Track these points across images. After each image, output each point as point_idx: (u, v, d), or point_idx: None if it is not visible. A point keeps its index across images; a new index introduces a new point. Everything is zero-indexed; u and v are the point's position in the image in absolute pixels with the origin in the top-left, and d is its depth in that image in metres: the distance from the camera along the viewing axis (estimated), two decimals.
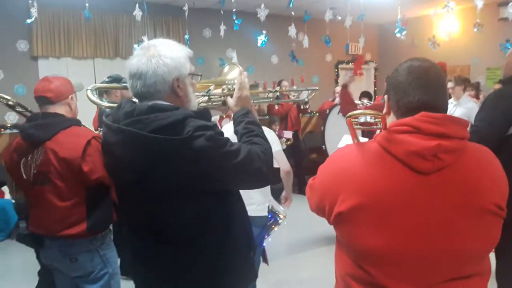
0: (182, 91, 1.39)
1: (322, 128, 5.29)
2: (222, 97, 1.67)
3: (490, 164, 1.16)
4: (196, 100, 1.51)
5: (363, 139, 1.67)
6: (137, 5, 4.58)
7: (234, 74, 1.71)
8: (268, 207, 2.83)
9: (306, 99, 2.27)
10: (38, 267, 2.76)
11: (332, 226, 1.21)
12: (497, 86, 5.64)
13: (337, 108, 4.94)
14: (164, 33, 6.84)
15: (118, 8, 6.32)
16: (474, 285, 1.12)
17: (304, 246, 4.47)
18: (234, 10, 4.82)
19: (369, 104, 5.10)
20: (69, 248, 1.99)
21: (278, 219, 2.98)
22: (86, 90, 1.57)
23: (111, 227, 2.17)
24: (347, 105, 4.02)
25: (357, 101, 4.45)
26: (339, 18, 5.41)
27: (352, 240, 1.13)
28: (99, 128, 3.42)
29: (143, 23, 5.34)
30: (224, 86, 1.67)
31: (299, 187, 6.52)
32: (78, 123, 2.09)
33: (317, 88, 2.20)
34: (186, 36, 4.88)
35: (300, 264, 4.12)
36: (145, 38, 4.89)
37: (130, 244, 1.50)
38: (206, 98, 1.65)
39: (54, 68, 5.89)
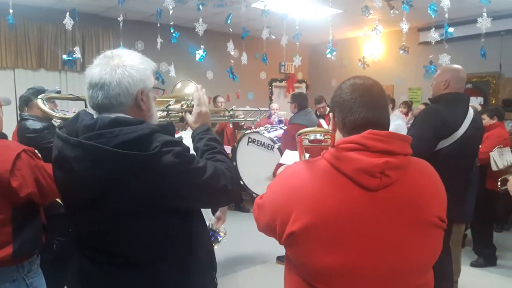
0: (145, 105, 1.33)
1: (234, 162, 5.14)
2: (180, 113, 1.61)
3: (431, 178, 1.21)
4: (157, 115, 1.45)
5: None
6: (67, 13, 4.33)
7: (189, 90, 1.67)
8: (209, 225, 2.77)
9: (258, 119, 2.30)
10: None
11: (266, 243, 1.18)
12: (421, 106, 6.10)
13: (245, 140, 4.79)
14: (94, 44, 6.58)
15: (44, 16, 5.97)
16: None
17: (241, 264, 4.42)
18: (172, 23, 4.75)
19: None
20: None
21: (219, 237, 2.91)
22: (37, 100, 1.45)
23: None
24: None
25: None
26: (273, 37, 5.54)
27: (305, 259, 1.12)
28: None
29: (72, 33, 5.07)
30: (183, 102, 1.61)
31: (236, 204, 6.49)
32: (4, 136, 1.90)
33: (268, 109, 2.25)
34: (121, 48, 4.69)
35: (238, 283, 4.06)
36: (76, 49, 4.62)
37: (80, 268, 1.36)
38: (164, 113, 1.58)
39: None
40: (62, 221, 2.87)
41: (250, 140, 4.73)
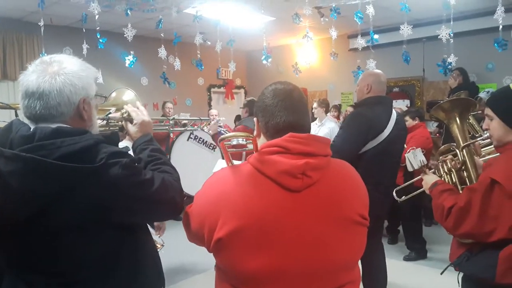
0: (87, 114, 1.25)
1: (167, 156, 4.84)
2: (121, 122, 1.55)
3: (352, 177, 1.26)
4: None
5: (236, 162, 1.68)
6: None
7: (127, 97, 1.62)
8: None
9: (199, 129, 2.27)
10: None
11: (205, 251, 1.18)
12: (349, 108, 6.36)
13: (186, 135, 4.51)
14: (16, 50, 6.18)
15: None
16: None
17: (181, 274, 4.32)
18: (98, 28, 4.55)
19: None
20: None
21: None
22: None
23: None
24: None
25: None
26: (209, 43, 5.51)
27: (233, 265, 1.12)
28: None
29: None
30: (123, 110, 1.54)
31: None
32: None
33: (208, 119, 2.24)
34: (42, 54, 4.42)
35: None
36: None
37: None
38: (104, 122, 1.51)
39: None
40: None
41: (191, 136, 4.46)
